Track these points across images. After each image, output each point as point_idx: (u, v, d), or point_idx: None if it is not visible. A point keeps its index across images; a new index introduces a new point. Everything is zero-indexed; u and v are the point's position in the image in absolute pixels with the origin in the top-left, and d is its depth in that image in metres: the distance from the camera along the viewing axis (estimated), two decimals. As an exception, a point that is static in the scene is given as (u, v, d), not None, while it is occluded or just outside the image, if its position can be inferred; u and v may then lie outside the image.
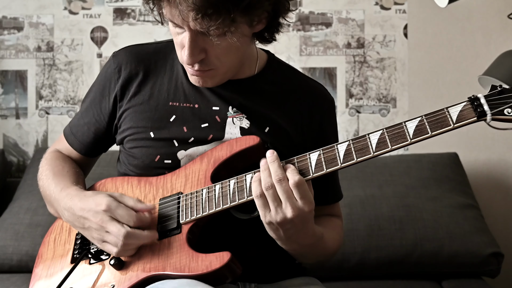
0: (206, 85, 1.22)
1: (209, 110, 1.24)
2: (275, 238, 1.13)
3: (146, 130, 1.24)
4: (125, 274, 1.13)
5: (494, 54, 2.15)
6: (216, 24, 1.04)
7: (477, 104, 1.00)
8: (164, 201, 1.19)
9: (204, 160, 1.20)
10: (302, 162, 1.10)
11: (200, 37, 1.10)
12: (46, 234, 1.31)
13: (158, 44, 1.32)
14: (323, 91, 1.35)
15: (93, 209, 1.13)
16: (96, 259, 1.18)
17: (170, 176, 1.22)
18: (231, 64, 1.19)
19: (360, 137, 1.07)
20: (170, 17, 1.10)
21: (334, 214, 1.36)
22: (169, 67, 1.28)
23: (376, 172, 2.08)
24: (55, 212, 1.29)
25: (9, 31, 2.40)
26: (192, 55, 1.12)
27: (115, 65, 1.28)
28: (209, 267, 1.07)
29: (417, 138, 1.03)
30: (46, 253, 1.26)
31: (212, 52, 1.13)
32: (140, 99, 1.26)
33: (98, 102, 1.31)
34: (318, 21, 2.38)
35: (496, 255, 1.88)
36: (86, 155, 1.36)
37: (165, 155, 1.22)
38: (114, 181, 1.28)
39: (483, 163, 2.35)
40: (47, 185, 1.29)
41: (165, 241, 1.14)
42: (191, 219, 1.14)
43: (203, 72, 1.17)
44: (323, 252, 1.23)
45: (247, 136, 1.19)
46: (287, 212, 1.06)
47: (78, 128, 1.35)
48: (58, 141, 1.41)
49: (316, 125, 1.29)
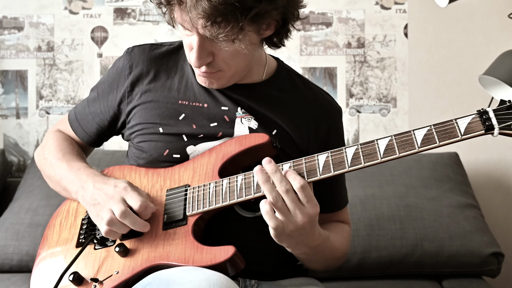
0: (213, 87, 1.24)
1: (218, 110, 1.26)
2: (286, 246, 1.14)
3: (155, 126, 1.26)
4: (129, 262, 1.14)
5: (494, 53, 2.15)
6: (225, 32, 1.07)
7: (485, 117, 1.01)
8: (171, 192, 1.21)
9: (212, 154, 1.22)
10: (310, 163, 1.11)
11: (208, 41, 1.13)
12: (52, 217, 1.32)
13: (171, 45, 1.35)
14: (331, 100, 1.37)
15: (111, 188, 1.17)
16: (101, 244, 1.19)
17: (178, 168, 1.24)
18: (238, 68, 1.21)
19: (368, 142, 1.08)
20: (181, 21, 1.12)
21: (342, 221, 1.37)
22: (179, 67, 1.31)
23: (377, 172, 2.07)
24: (61, 190, 1.31)
25: (9, 31, 2.40)
26: (200, 58, 1.15)
27: (127, 61, 1.31)
28: (213, 259, 1.08)
29: (425, 146, 1.04)
30: (51, 235, 1.28)
31: (219, 56, 1.16)
32: (150, 97, 1.28)
33: (106, 94, 1.33)
34: (319, 21, 2.38)
35: (497, 255, 1.88)
36: (88, 144, 1.40)
37: (174, 149, 1.24)
38: (122, 169, 1.30)
39: (484, 162, 2.35)
40: (57, 165, 1.31)
41: (170, 232, 1.15)
42: (197, 212, 1.15)
43: (210, 74, 1.19)
44: (330, 254, 1.24)
45: (256, 133, 1.22)
46: (298, 219, 1.07)
47: (83, 116, 1.38)
48: (61, 122, 1.44)
49: (323, 134, 1.31)
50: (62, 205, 1.33)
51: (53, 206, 1.96)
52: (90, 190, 1.20)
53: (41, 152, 1.39)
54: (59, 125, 1.44)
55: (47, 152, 1.36)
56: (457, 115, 1.06)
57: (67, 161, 1.29)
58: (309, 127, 1.29)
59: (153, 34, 2.39)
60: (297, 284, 1.24)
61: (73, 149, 1.35)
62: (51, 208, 1.97)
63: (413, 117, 2.37)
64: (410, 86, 2.38)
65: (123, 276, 1.12)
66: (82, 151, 1.38)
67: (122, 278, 1.12)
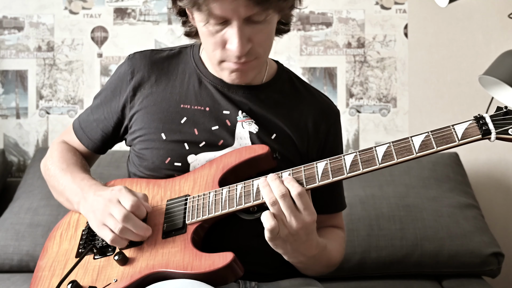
0: (246, 79, 1.24)
1: (220, 114, 1.27)
2: (282, 253, 1.15)
3: (157, 132, 1.26)
4: (128, 270, 1.14)
5: (494, 53, 2.15)
6: (263, 7, 1.10)
7: (482, 122, 1.03)
8: (171, 202, 1.22)
9: (213, 166, 1.23)
10: (309, 171, 1.12)
11: (245, 27, 1.14)
12: (53, 229, 1.33)
13: (171, 50, 1.36)
14: (330, 103, 1.38)
15: (108, 191, 1.18)
16: (101, 254, 1.19)
17: (179, 179, 1.25)
18: (268, 53, 1.24)
19: (367, 149, 1.10)
20: (219, 11, 1.12)
21: (337, 226, 1.38)
22: (181, 71, 1.32)
23: (377, 172, 2.04)
24: (64, 201, 1.32)
25: (9, 31, 2.40)
26: (242, 45, 1.15)
27: (129, 67, 1.32)
28: (212, 266, 1.08)
29: (423, 152, 1.06)
30: (51, 247, 1.28)
31: (256, 40, 1.17)
32: (152, 101, 1.29)
33: (109, 100, 1.34)
34: (319, 21, 2.38)
35: (497, 255, 1.88)
36: (93, 151, 1.40)
37: (176, 157, 1.25)
38: (123, 182, 1.30)
39: (484, 163, 2.35)
40: (60, 175, 1.32)
41: (169, 240, 1.15)
42: (197, 220, 1.16)
43: (248, 63, 1.20)
44: (326, 262, 1.24)
45: (256, 144, 1.23)
46: (292, 225, 1.07)
47: (87, 123, 1.39)
48: (66, 133, 1.45)
49: (322, 136, 1.32)
50: (63, 218, 1.33)
51: (53, 206, 1.96)
52: (90, 198, 1.20)
53: (46, 163, 1.40)
54: (64, 136, 1.45)
55: (50, 162, 1.37)
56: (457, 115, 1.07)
57: (71, 172, 1.31)
58: (308, 129, 1.31)
59: (153, 34, 2.39)
60: (296, 284, 1.25)
61: (77, 160, 1.36)
62: (51, 208, 1.97)
63: (413, 117, 2.37)
64: (410, 86, 2.38)
65: (122, 284, 1.12)
66: (86, 162, 1.39)
67: (120, 286, 1.12)
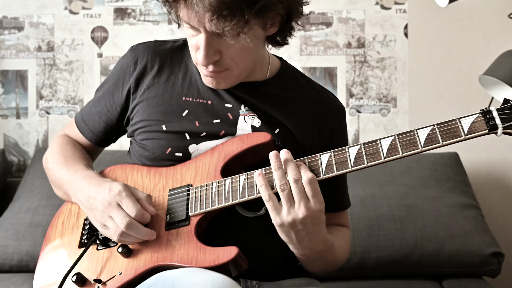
0: (220, 87, 1.23)
1: (222, 107, 1.26)
2: (287, 242, 1.14)
3: (158, 123, 1.26)
4: (132, 262, 1.14)
5: (494, 53, 2.15)
6: (231, 25, 1.06)
7: (489, 117, 1.01)
8: (173, 192, 1.21)
9: (214, 154, 1.22)
10: (313, 163, 1.11)
11: (215, 39, 1.12)
12: (54, 216, 1.32)
13: (175, 42, 1.34)
14: (335, 100, 1.37)
15: (105, 192, 1.15)
16: (104, 245, 1.19)
17: (180, 168, 1.23)
18: (244, 66, 1.20)
19: (371, 141, 1.08)
20: (187, 19, 1.12)
21: (343, 224, 1.37)
22: (184, 64, 1.31)
23: (377, 172, 2.07)
24: (63, 195, 1.31)
25: (9, 31, 2.40)
26: (207, 56, 1.14)
27: (131, 58, 1.31)
28: (217, 260, 1.08)
29: (428, 146, 1.04)
30: (54, 235, 1.28)
31: (226, 53, 1.15)
32: (154, 92, 1.28)
33: (112, 92, 1.33)
34: (319, 21, 2.38)
35: (497, 255, 1.88)
36: (95, 144, 1.39)
37: (176, 148, 1.24)
38: (124, 168, 1.30)
39: (484, 162, 2.35)
40: (57, 169, 1.31)
41: (173, 232, 1.15)
42: (200, 212, 1.15)
43: (217, 73, 1.19)
44: (332, 260, 1.24)
45: (258, 132, 1.22)
46: (299, 212, 1.07)
47: (90, 116, 1.37)
48: (68, 127, 1.44)
49: (327, 134, 1.31)
50: (64, 205, 1.33)
51: (53, 206, 1.96)
52: (85, 194, 1.19)
53: (46, 156, 1.39)
54: (66, 130, 1.44)
55: (50, 156, 1.36)
56: (457, 115, 1.06)
57: (67, 165, 1.29)
58: (312, 126, 1.29)
59: (153, 34, 2.39)
60: (297, 284, 1.24)
61: (75, 152, 1.34)
62: (51, 208, 1.97)
63: (413, 117, 2.37)
64: (410, 86, 2.38)
65: (126, 277, 1.12)
66: (86, 152, 1.38)
67: (125, 279, 1.12)
